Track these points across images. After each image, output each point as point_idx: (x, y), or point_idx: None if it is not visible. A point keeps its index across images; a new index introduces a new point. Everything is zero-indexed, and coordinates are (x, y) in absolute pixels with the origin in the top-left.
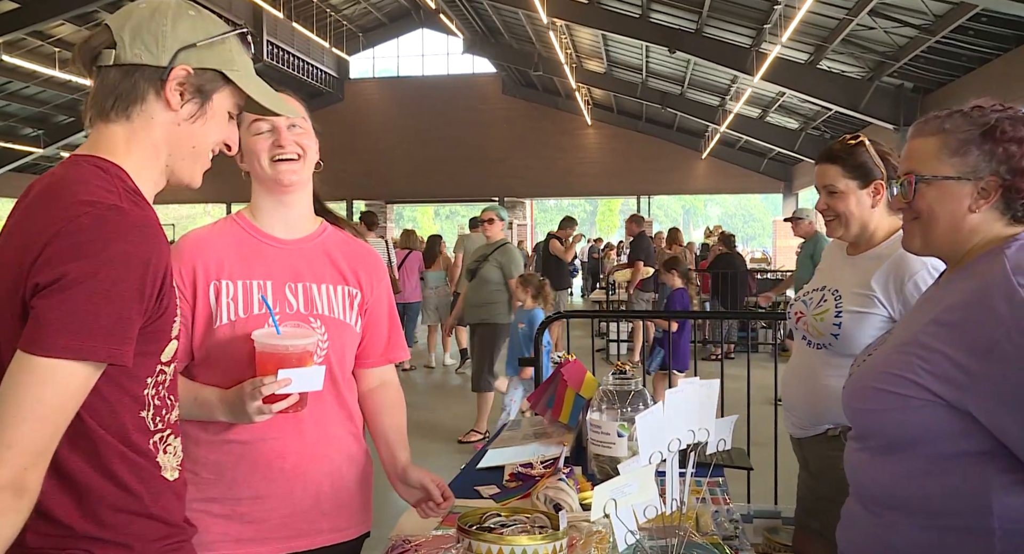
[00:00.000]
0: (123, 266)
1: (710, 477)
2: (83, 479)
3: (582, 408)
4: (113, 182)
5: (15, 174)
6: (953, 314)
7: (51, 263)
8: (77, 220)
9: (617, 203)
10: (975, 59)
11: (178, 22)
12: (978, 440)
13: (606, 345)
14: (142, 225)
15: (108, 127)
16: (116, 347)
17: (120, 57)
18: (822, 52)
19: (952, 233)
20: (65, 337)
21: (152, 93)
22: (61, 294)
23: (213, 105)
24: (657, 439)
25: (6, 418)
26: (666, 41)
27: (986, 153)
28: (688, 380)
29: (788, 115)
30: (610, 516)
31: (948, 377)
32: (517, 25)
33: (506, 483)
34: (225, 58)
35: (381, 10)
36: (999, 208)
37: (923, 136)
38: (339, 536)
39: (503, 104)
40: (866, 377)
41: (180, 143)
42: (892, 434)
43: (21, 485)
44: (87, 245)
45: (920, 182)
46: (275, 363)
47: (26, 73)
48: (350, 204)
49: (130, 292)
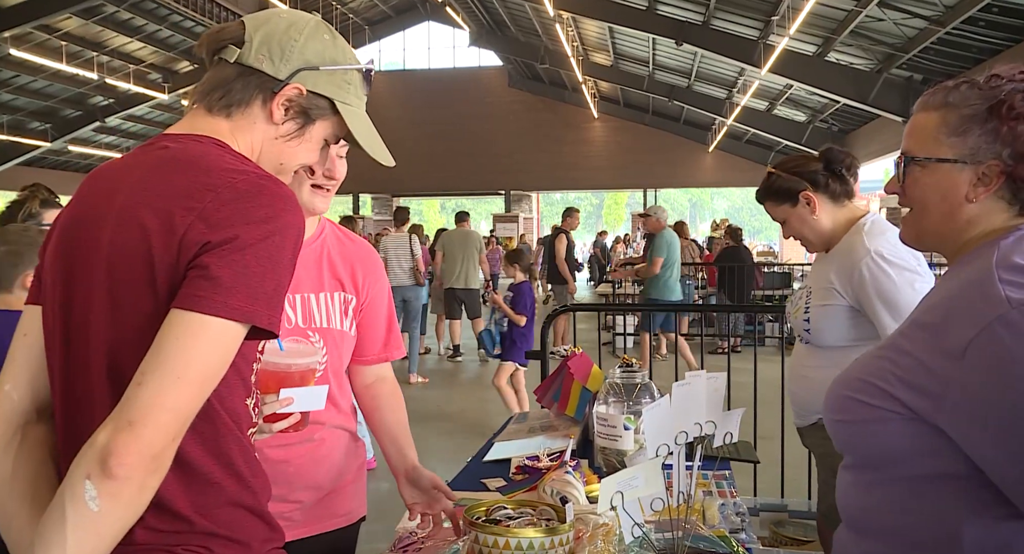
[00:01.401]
0: (286, 234)
1: (716, 470)
2: (204, 467)
3: (588, 401)
4: (242, 158)
5: (23, 168)
6: (933, 314)
7: (223, 224)
8: (234, 185)
9: (623, 196)
10: (986, 50)
11: (310, 41)
12: (950, 461)
13: (612, 338)
14: (292, 196)
15: (210, 118)
16: (275, 314)
17: (243, 57)
18: (830, 44)
19: (945, 224)
20: (237, 298)
21: (259, 101)
22: (234, 254)
23: (313, 130)
24: (664, 432)
25: (169, 378)
26: (673, 33)
27: (989, 133)
28: (695, 373)
29: (796, 108)
30: (617, 509)
31: (919, 386)
32: (523, 18)
33: (512, 476)
34: (342, 90)
35: (387, 3)
36: (1004, 197)
37: (925, 111)
38: (339, 521)
39: (509, 97)
40: (841, 384)
41: (270, 156)
42: (865, 450)
43: (166, 458)
44: (256, 209)
45: (913, 164)
46: (277, 382)
47: (34, 67)
48: (356, 197)
49: (288, 261)
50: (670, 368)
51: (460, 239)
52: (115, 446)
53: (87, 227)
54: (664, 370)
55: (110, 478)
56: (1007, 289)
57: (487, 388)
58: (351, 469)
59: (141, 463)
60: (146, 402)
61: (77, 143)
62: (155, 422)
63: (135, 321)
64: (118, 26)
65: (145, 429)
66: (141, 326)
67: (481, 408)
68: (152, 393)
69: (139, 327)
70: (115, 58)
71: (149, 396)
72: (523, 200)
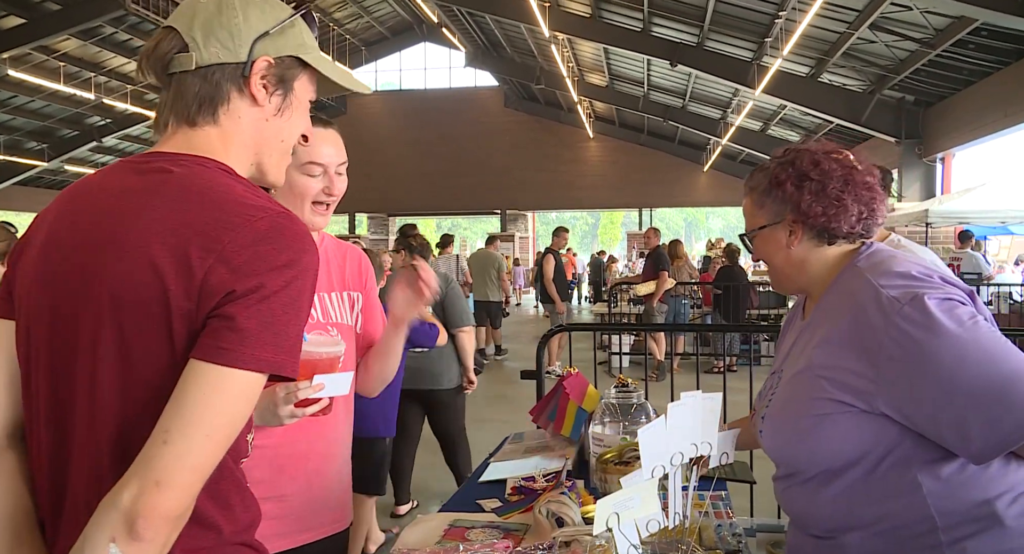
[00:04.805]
0: (307, 277)
1: (713, 491)
2: (203, 513)
3: (584, 421)
4: (250, 185)
5: (20, 187)
6: (839, 331)
7: (246, 271)
8: (253, 225)
9: (619, 215)
10: (976, 72)
11: (248, 11)
12: (898, 436)
13: (608, 358)
14: (308, 234)
15: (198, 130)
16: (297, 360)
17: (200, 59)
18: (823, 65)
19: (790, 269)
20: (262, 349)
21: (235, 91)
22: (261, 304)
23: (296, 94)
24: (660, 453)
25: (197, 437)
26: (668, 54)
27: (777, 199)
28: (691, 394)
29: (790, 128)
30: (613, 530)
31: (854, 386)
32: (519, 39)
33: (508, 497)
34: (298, 42)
35: (383, 24)
36: (813, 238)
37: (745, 196)
38: (336, 527)
39: (505, 117)
40: (778, 420)
41: (270, 139)
42: (824, 459)
43: (188, 515)
44: (279, 254)
45: (749, 237)
46: (309, 369)
47: (31, 87)
48: (352, 217)
49: (308, 302)
50: (666, 388)
51: (482, 259)
52: (143, 509)
53: (80, 253)
54: (660, 390)
55: (138, 541)
56: (891, 292)
57: (481, 407)
58: (348, 472)
59: (168, 524)
60: (173, 462)
61: (74, 163)
62: (182, 482)
63: (148, 366)
64: (116, 47)
65: (172, 491)
66: (153, 373)
67: (478, 428)
68: (179, 452)
69: (151, 374)
70: (112, 78)
71: (176, 455)
72: (519, 219)
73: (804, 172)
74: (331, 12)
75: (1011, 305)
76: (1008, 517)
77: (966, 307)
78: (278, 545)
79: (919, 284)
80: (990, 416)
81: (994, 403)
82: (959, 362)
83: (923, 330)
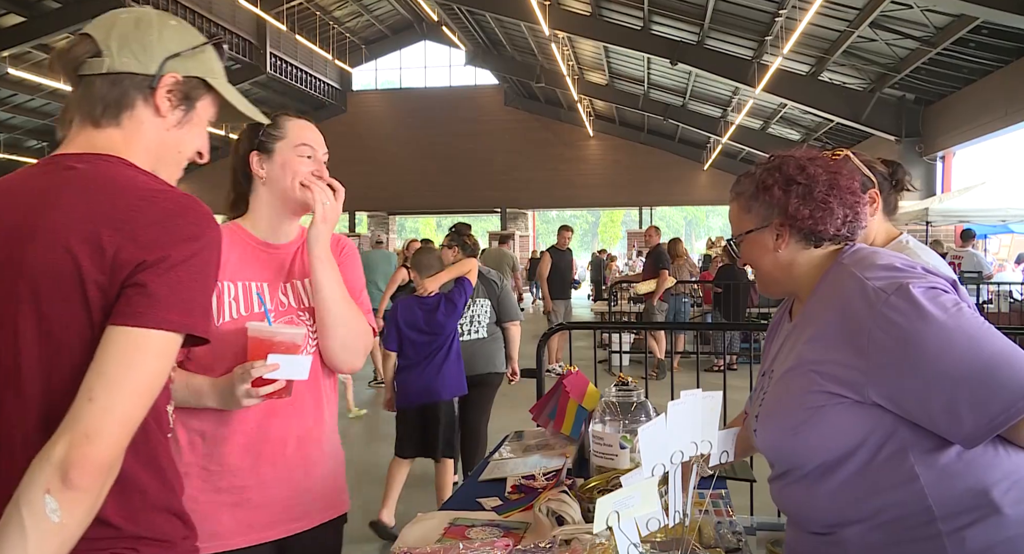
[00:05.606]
0: (212, 250)
1: (713, 489)
2: (133, 475)
3: (584, 420)
4: (152, 175)
5: None
6: (827, 326)
7: (154, 244)
8: (159, 205)
9: (619, 214)
10: (976, 71)
11: (163, 31)
12: (891, 426)
13: (608, 356)
14: (210, 213)
15: (102, 132)
16: (208, 323)
17: (110, 65)
18: (823, 64)
19: (778, 272)
20: (172, 311)
21: (141, 100)
22: (169, 272)
23: (198, 112)
24: (660, 451)
25: (117, 392)
26: (668, 53)
27: (764, 204)
28: (691, 392)
29: (790, 126)
30: (613, 529)
31: (845, 378)
32: (519, 37)
33: (508, 495)
34: (208, 67)
35: (383, 22)
36: (800, 241)
37: (731, 202)
38: (329, 514)
39: (505, 116)
40: (772, 416)
41: (167, 148)
42: (820, 452)
43: (118, 466)
44: (184, 228)
45: (736, 242)
46: (265, 349)
47: (31, 86)
48: (352, 215)
49: (214, 272)
50: (666, 386)
51: (496, 257)
52: (74, 459)
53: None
54: (660, 388)
55: (72, 490)
56: (876, 283)
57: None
58: (338, 459)
59: (100, 473)
60: (99, 416)
61: None
62: (109, 434)
63: (66, 337)
64: None
65: (101, 441)
66: (73, 342)
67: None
68: (104, 407)
69: (71, 343)
70: None
71: (101, 410)
72: (519, 218)
73: (791, 176)
74: (331, 10)
75: (1011, 304)
76: (1006, 505)
77: (949, 295)
78: (267, 535)
79: (903, 274)
80: (977, 399)
81: (979, 386)
82: (945, 347)
83: (909, 318)
